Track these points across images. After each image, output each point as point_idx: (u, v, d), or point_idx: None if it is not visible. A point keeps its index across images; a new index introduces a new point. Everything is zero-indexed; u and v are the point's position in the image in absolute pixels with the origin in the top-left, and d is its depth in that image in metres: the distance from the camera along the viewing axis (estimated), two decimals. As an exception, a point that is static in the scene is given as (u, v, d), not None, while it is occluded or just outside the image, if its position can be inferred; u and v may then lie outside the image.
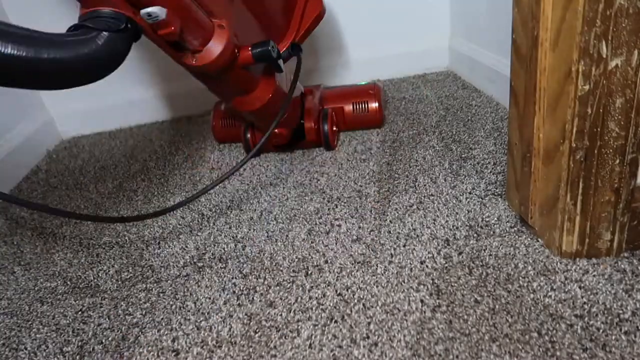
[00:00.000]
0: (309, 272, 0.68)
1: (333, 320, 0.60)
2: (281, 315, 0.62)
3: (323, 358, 0.55)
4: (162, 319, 0.65)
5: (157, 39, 0.65)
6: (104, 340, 0.63)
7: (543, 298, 0.58)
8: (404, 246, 0.70)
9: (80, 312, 0.69)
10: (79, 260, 0.80)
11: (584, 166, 0.57)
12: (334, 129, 1.05)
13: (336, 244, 0.73)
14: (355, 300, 0.62)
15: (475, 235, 0.70)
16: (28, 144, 1.22)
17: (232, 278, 0.70)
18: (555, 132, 0.58)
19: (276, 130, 0.95)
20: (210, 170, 1.04)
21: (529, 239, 0.68)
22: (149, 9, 0.59)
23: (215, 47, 0.71)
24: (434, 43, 1.40)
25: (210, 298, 0.67)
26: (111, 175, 1.10)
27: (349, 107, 1.08)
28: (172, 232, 0.83)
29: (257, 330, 0.60)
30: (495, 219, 0.73)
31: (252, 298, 0.65)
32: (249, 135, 1.02)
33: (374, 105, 1.07)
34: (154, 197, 0.96)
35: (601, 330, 0.53)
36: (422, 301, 0.60)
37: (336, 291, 0.64)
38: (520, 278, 0.61)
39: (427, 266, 0.66)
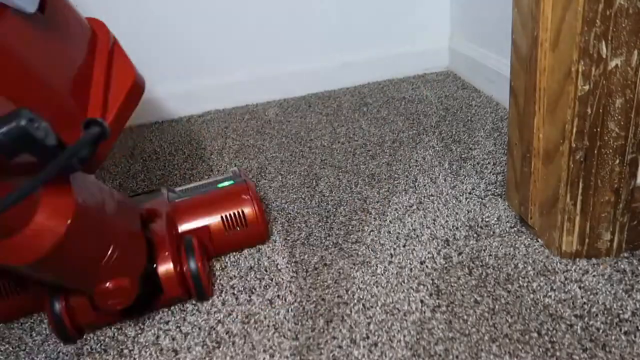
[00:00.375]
0: (308, 274, 0.68)
1: (332, 321, 0.60)
2: (280, 315, 0.62)
3: (323, 358, 0.55)
4: (161, 318, 0.65)
5: None
6: (103, 340, 0.63)
7: (543, 298, 0.58)
8: (404, 246, 0.70)
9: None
10: (78, 260, 0.80)
11: (583, 166, 0.57)
12: (207, 270, 0.68)
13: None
14: (355, 301, 0.62)
15: (475, 235, 0.70)
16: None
17: (231, 278, 0.70)
18: (555, 132, 0.58)
19: (107, 285, 0.56)
20: (210, 171, 1.04)
21: (529, 239, 0.68)
22: None
23: None
24: (434, 43, 1.40)
25: (209, 298, 0.67)
26: (111, 175, 1.10)
27: (217, 224, 0.72)
28: (172, 232, 0.83)
29: (257, 330, 0.60)
30: (495, 219, 0.73)
31: (251, 298, 0.65)
32: (58, 307, 0.59)
33: (252, 213, 0.73)
34: (154, 197, 0.96)
35: (601, 331, 0.53)
36: (422, 301, 0.60)
37: (336, 291, 0.64)
38: (520, 278, 0.61)
39: (427, 266, 0.66)
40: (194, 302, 0.66)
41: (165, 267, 0.62)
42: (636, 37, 0.50)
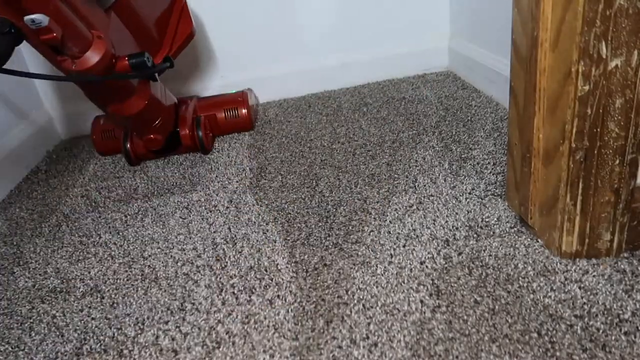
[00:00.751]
0: (308, 274, 0.68)
1: (332, 321, 0.60)
2: (280, 315, 0.62)
3: (323, 359, 0.55)
4: (161, 318, 0.65)
5: (39, 44, 0.72)
6: (103, 340, 0.63)
7: (543, 298, 0.58)
8: (404, 247, 0.70)
9: (79, 312, 0.69)
10: (77, 259, 0.80)
11: (583, 166, 0.57)
12: (209, 133, 1.12)
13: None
14: (355, 301, 0.62)
15: (475, 235, 0.70)
16: (28, 144, 1.22)
17: (231, 277, 0.70)
18: (555, 132, 0.58)
19: (151, 136, 1.03)
20: (210, 171, 1.04)
21: (529, 240, 0.68)
22: (33, 16, 0.66)
23: (94, 55, 0.78)
24: (434, 43, 1.40)
25: (209, 298, 0.67)
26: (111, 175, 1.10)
27: (221, 114, 1.18)
28: (170, 233, 0.83)
29: (256, 330, 0.60)
30: (495, 219, 0.73)
31: (251, 298, 0.65)
32: (128, 146, 1.08)
33: (243, 111, 1.18)
34: (154, 197, 0.96)
35: (601, 331, 0.53)
36: (422, 302, 0.60)
37: (336, 292, 0.64)
38: (520, 278, 0.61)
39: (427, 267, 0.66)
40: (192, 302, 0.66)
41: (184, 131, 1.09)
42: (636, 37, 0.50)
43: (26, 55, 1.30)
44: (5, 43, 0.65)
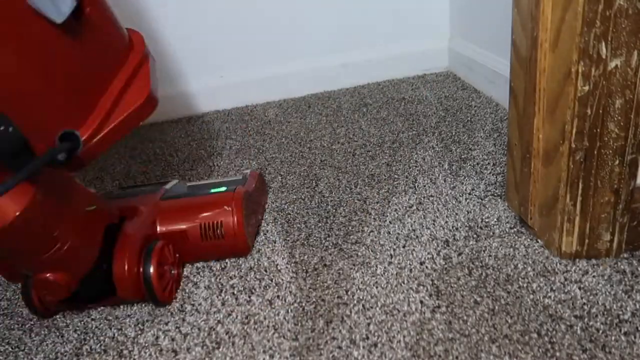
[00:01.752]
0: (308, 274, 0.68)
1: (332, 321, 0.60)
2: (280, 315, 0.62)
3: (322, 359, 0.55)
4: (161, 319, 0.65)
5: None
6: (103, 340, 0.63)
7: (543, 299, 0.58)
8: (404, 247, 0.70)
9: (79, 312, 0.68)
10: (78, 260, 0.80)
11: (583, 167, 0.57)
12: (173, 271, 0.69)
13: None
14: (355, 301, 0.62)
15: (474, 236, 0.70)
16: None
17: (231, 278, 0.70)
18: (554, 132, 0.58)
19: (47, 276, 0.59)
20: (208, 173, 1.04)
21: (529, 240, 0.68)
22: None
23: None
24: (434, 44, 1.40)
25: (208, 298, 0.67)
26: (110, 175, 1.10)
27: (194, 231, 0.71)
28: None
29: (256, 331, 0.60)
30: (495, 219, 0.73)
31: (251, 298, 0.65)
32: (32, 293, 0.66)
33: (230, 226, 0.71)
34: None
35: (601, 331, 0.53)
36: (421, 302, 0.60)
37: (335, 292, 0.64)
38: (520, 279, 0.61)
39: (426, 267, 0.66)
40: (192, 302, 0.66)
41: (119, 268, 0.63)
42: (636, 37, 0.50)
43: None
44: None
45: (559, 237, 0.62)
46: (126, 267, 0.63)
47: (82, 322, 0.67)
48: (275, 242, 0.76)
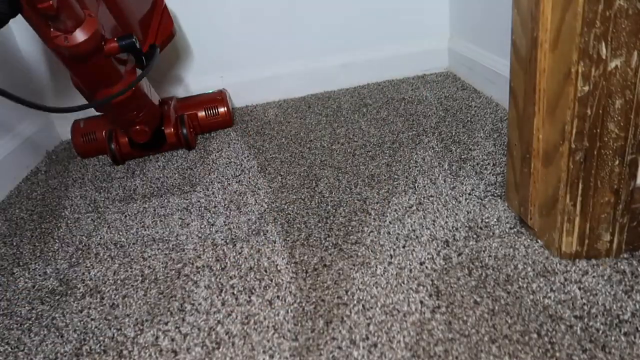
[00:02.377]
0: (308, 274, 0.68)
1: (332, 322, 0.60)
2: (279, 315, 0.62)
3: (322, 359, 0.55)
4: (160, 319, 0.65)
5: (34, 16, 0.75)
6: (102, 340, 0.63)
7: (542, 299, 0.58)
8: (404, 247, 0.70)
9: (79, 312, 0.68)
10: (77, 260, 0.80)
11: (583, 167, 0.57)
12: (192, 131, 1.17)
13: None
14: (355, 302, 0.62)
15: (474, 236, 0.70)
16: (28, 145, 1.22)
17: (231, 278, 0.70)
18: (554, 133, 0.58)
19: (138, 127, 1.07)
20: (209, 172, 1.04)
21: (529, 240, 0.68)
22: None
23: (85, 31, 0.81)
24: (434, 44, 1.40)
25: (208, 298, 0.67)
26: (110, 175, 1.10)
27: (201, 113, 1.23)
28: (170, 234, 0.83)
29: (256, 331, 0.60)
30: (495, 220, 0.73)
31: (250, 298, 0.65)
32: (113, 146, 1.12)
33: (223, 109, 1.23)
34: (153, 197, 0.96)
35: (601, 331, 0.53)
36: (421, 302, 0.60)
37: (335, 292, 0.64)
38: (520, 279, 0.61)
39: (426, 267, 0.66)
40: (192, 302, 0.66)
41: (169, 129, 1.14)
42: (636, 38, 0.50)
43: (19, 39, 1.30)
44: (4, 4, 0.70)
45: (558, 238, 0.62)
46: (172, 128, 1.14)
47: (82, 322, 0.67)
48: (275, 242, 0.76)
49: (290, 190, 0.91)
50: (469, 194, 0.80)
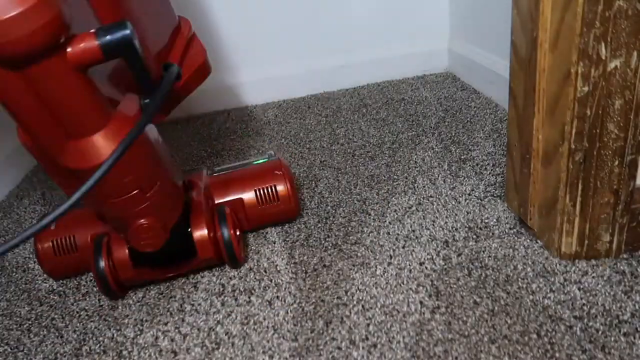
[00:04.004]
0: (308, 275, 0.68)
1: (331, 322, 0.60)
2: (279, 316, 0.62)
3: (322, 359, 0.55)
4: (160, 319, 0.65)
5: None
6: (102, 341, 0.63)
7: (542, 299, 0.58)
8: (403, 247, 0.70)
9: (79, 313, 0.68)
10: (77, 261, 0.80)
11: (583, 167, 0.57)
12: (238, 234, 0.72)
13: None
14: (354, 302, 0.62)
15: (474, 236, 0.70)
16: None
17: (230, 279, 0.70)
18: (554, 133, 0.58)
19: (142, 221, 0.59)
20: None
21: (528, 241, 0.68)
22: None
23: (17, 4, 0.40)
24: (433, 44, 1.40)
25: (208, 299, 0.67)
26: (110, 176, 1.10)
27: (250, 197, 0.75)
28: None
29: (256, 331, 0.60)
30: (495, 220, 0.73)
31: (250, 299, 0.65)
32: (102, 264, 0.65)
33: (284, 189, 0.75)
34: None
35: (600, 332, 0.53)
36: (421, 302, 0.60)
37: (335, 293, 0.64)
38: (520, 279, 0.61)
39: (426, 267, 0.66)
40: (191, 303, 0.66)
41: (200, 231, 0.67)
42: (635, 38, 0.50)
43: None
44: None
45: (558, 238, 0.62)
46: (205, 230, 0.67)
47: (81, 323, 0.67)
48: (274, 243, 0.76)
49: (290, 190, 0.91)
50: (469, 195, 0.80)
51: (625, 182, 0.58)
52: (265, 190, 0.75)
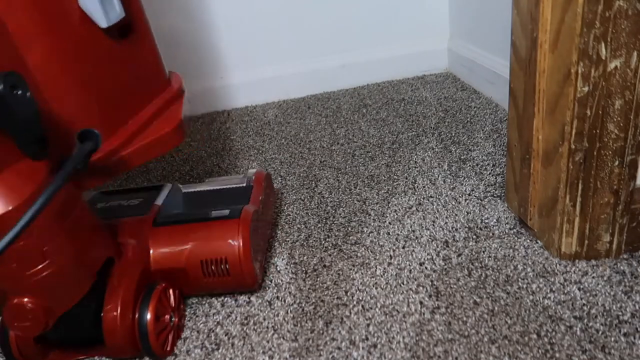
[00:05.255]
0: (308, 275, 0.68)
1: (331, 322, 0.60)
2: (279, 316, 0.62)
3: (322, 360, 0.55)
4: (160, 320, 0.65)
5: None
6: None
7: (542, 299, 0.58)
8: (403, 248, 0.70)
9: None
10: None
11: (583, 168, 0.57)
12: (173, 319, 0.60)
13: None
14: (354, 302, 0.62)
15: (474, 236, 0.70)
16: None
17: (231, 279, 0.70)
18: (554, 133, 0.58)
19: (20, 300, 0.47)
20: (208, 174, 1.04)
21: (528, 241, 0.67)
22: None
23: None
24: (433, 45, 1.40)
25: (207, 299, 0.67)
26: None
27: (195, 267, 0.62)
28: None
29: (256, 332, 0.60)
30: (495, 220, 0.73)
31: (250, 299, 0.65)
32: (9, 332, 0.55)
33: (237, 261, 0.62)
34: (153, 199, 0.96)
35: (600, 332, 0.53)
36: (421, 303, 0.60)
37: (335, 293, 0.64)
38: (520, 279, 0.61)
39: (426, 268, 0.66)
40: (190, 304, 0.66)
41: (111, 312, 0.54)
42: (635, 38, 0.50)
43: None
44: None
45: (558, 238, 0.62)
46: (118, 310, 0.54)
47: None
48: (274, 243, 0.76)
49: (290, 190, 0.91)
50: (469, 195, 0.80)
51: (626, 183, 0.58)
52: (213, 262, 0.62)
